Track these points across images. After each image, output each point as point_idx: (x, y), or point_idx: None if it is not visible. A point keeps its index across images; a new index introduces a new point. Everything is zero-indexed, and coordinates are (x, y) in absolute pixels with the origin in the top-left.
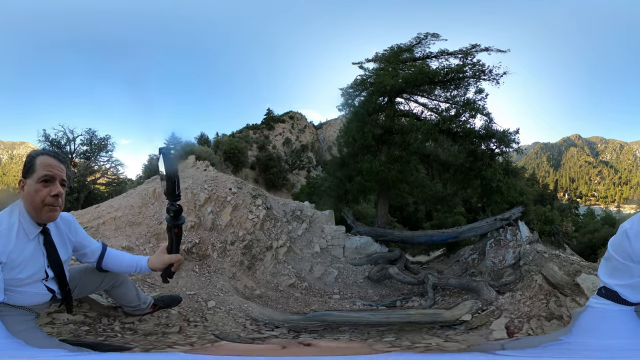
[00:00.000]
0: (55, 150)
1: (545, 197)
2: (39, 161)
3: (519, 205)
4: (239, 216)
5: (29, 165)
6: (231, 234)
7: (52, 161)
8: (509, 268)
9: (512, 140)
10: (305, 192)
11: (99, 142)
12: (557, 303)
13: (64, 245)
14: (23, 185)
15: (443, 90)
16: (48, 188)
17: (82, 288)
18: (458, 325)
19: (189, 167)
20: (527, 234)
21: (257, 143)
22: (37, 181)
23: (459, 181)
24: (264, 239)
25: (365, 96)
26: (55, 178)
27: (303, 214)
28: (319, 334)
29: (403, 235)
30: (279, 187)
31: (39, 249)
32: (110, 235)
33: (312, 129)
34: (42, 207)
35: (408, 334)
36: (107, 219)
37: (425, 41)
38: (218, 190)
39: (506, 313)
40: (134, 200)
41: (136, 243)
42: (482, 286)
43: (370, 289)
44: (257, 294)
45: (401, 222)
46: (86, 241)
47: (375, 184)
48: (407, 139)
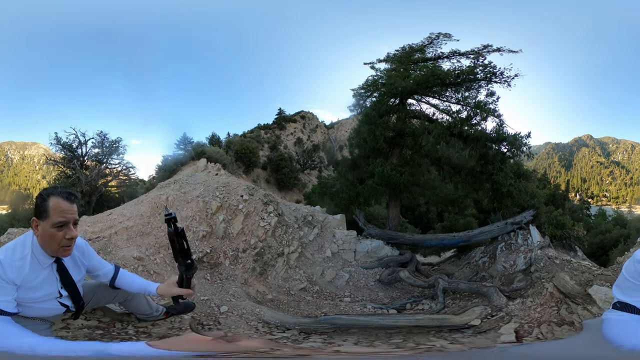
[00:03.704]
0: (67, 190)
1: (556, 198)
2: (52, 204)
3: (531, 209)
4: (251, 224)
5: (42, 208)
6: (243, 241)
7: (64, 205)
8: (519, 273)
9: (523, 144)
10: (317, 192)
11: (111, 145)
12: (569, 310)
13: (76, 267)
14: (37, 225)
15: (454, 92)
16: (63, 232)
17: (96, 301)
18: (466, 329)
19: (200, 170)
20: (539, 239)
21: (269, 143)
22: (51, 226)
23: (470, 184)
24: (275, 245)
25: (377, 97)
26: (69, 222)
27: (314, 219)
28: (329, 336)
29: (414, 238)
30: (290, 187)
31: (53, 274)
32: (122, 245)
33: (323, 128)
34: (58, 248)
35: (415, 336)
36: (119, 228)
37: (437, 41)
38: (230, 197)
39: (516, 319)
40: (144, 209)
41: (146, 253)
42: (493, 292)
43: (381, 291)
44: (269, 298)
45: (413, 222)
46: (99, 264)
47: (386, 188)
48: (418, 142)
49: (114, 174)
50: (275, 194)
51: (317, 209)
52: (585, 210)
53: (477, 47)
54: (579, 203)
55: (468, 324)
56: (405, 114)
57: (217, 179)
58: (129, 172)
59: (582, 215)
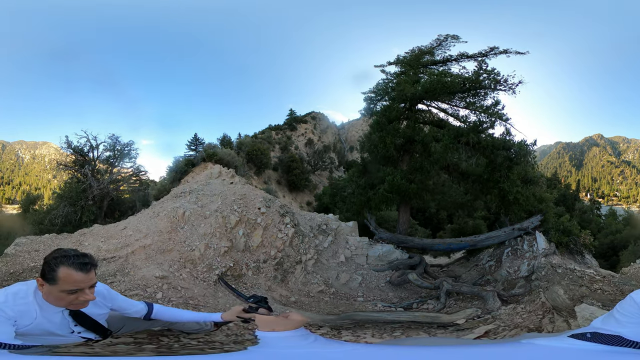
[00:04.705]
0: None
1: (567, 198)
2: (62, 275)
3: (538, 214)
4: (269, 236)
5: (50, 276)
6: (263, 253)
7: (78, 277)
8: (522, 279)
9: (529, 153)
10: (328, 193)
11: (122, 148)
12: (551, 320)
13: (97, 306)
14: (42, 285)
15: (461, 100)
16: (74, 295)
17: (130, 327)
18: (450, 326)
19: (214, 177)
20: (544, 246)
21: (280, 144)
22: (60, 292)
23: (478, 191)
24: (293, 254)
25: (387, 101)
26: (84, 288)
27: (328, 227)
28: (354, 330)
29: (423, 242)
30: (301, 188)
31: (64, 319)
32: (141, 265)
33: (334, 129)
34: (67, 305)
35: (411, 331)
36: (136, 247)
37: (445, 43)
38: (248, 211)
39: (499, 321)
40: (163, 225)
41: (170, 270)
42: (490, 296)
43: (391, 292)
44: (293, 301)
45: (423, 224)
46: (127, 305)
47: (397, 195)
48: (428, 148)
49: (125, 178)
50: (286, 195)
51: (330, 217)
52: (595, 211)
53: (484, 50)
54: (590, 203)
55: (454, 322)
56: (414, 121)
57: (233, 190)
58: (140, 173)
59: (593, 215)
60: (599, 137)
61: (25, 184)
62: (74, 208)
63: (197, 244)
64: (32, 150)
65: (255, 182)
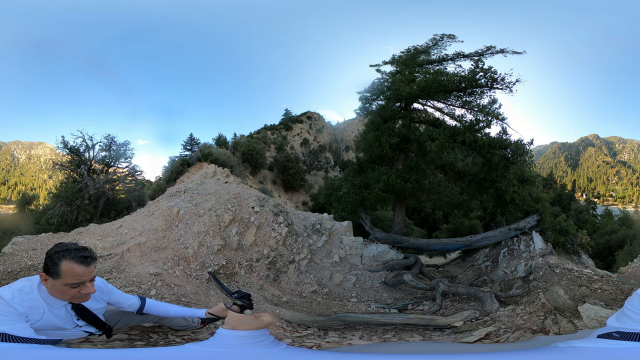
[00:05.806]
0: (82, 253)
1: (563, 198)
2: (65, 269)
3: (534, 214)
4: (263, 235)
5: (53, 270)
6: (256, 252)
7: (79, 270)
8: (519, 280)
9: (525, 152)
10: (323, 193)
11: (118, 149)
12: (554, 321)
13: (95, 301)
14: (46, 280)
15: (456, 99)
16: (77, 289)
17: (125, 322)
18: (447, 329)
19: (209, 177)
20: (541, 246)
21: (275, 144)
22: (63, 285)
23: (474, 190)
24: (286, 253)
25: (383, 100)
26: (86, 282)
27: (322, 227)
28: (341, 332)
29: (419, 242)
30: (296, 188)
31: (68, 312)
32: (136, 262)
33: (329, 129)
34: (71, 299)
35: (404, 333)
36: (131, 245)
37: (441, 42)
38: (241, 210)
39: (499, 323)
40: (158, 223)
41: (164, 267)
42: (487, 297)
43: (386, 292)
44: (284, 301)
45: (419, 224)
46: (122, 298)
47: (392, 195)
48: (423, 147)
49: (121, 178)
50: (281, 195)
51: (324, 216)
52: (591, 211)
53: (481, 49)
54: (585, 203)
55: (451, 325)
56: (410, 120)
57: (228, 189)
58: (135, 172)
59: (588, 215)
60: (595, 137)
61: (21, 184)
62: (70, 207)
63: (190, 242)
64: (28, 151)
65: (250, 181)
